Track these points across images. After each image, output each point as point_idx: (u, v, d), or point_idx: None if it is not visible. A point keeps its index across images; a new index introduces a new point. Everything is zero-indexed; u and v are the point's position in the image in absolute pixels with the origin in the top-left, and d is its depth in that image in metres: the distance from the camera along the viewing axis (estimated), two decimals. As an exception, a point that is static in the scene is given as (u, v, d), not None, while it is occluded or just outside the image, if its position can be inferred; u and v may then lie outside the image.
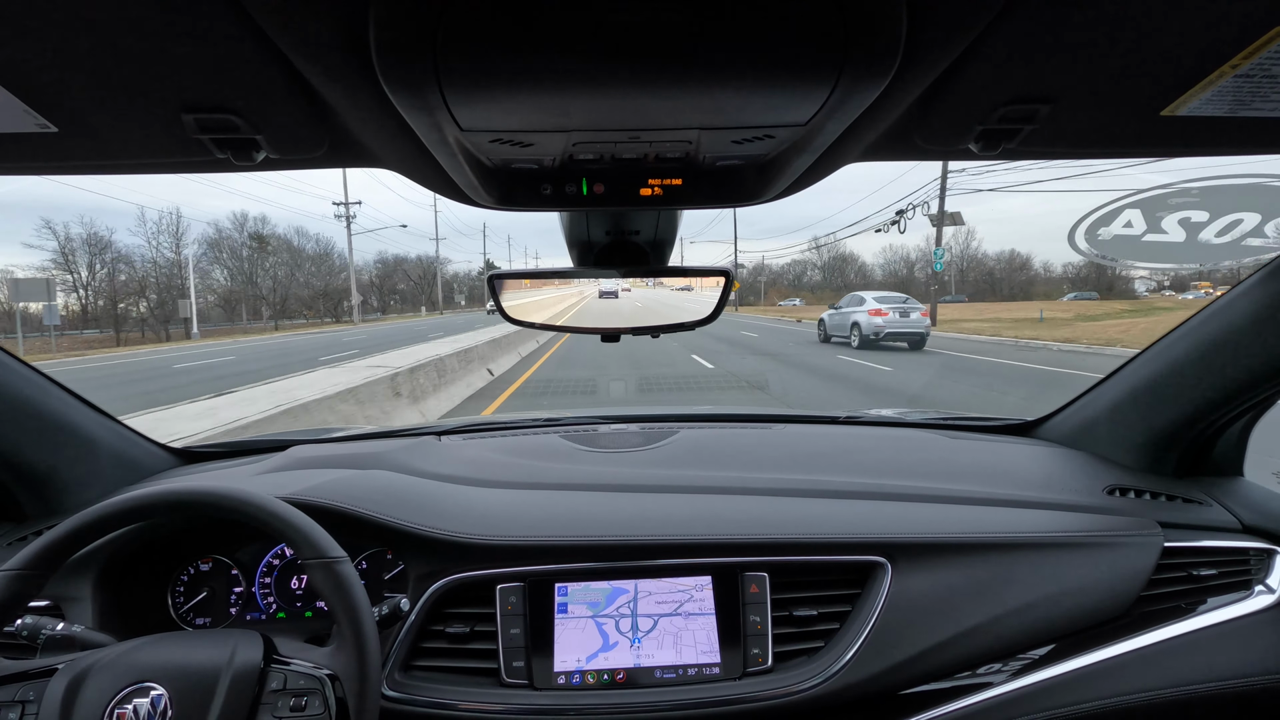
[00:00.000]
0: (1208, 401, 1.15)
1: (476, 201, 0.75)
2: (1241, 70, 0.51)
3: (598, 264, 0.99)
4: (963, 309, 36.92)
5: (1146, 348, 1.26)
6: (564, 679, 0.96)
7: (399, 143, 0.59)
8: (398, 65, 0.42)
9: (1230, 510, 1.19)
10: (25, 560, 0.78)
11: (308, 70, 0.49)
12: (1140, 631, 1.04)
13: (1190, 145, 0.69)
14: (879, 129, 0.59)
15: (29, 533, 1.12)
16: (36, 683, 0.74)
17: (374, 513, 1.03)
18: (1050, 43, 0.48)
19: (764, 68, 0.44)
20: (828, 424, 1.61)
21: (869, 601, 1.00)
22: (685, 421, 1.60)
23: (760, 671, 0.96)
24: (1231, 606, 1.08)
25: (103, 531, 0.83)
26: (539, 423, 1.64)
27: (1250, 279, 1.04)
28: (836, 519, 1.09)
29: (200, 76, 0.50)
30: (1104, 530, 1.10)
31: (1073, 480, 1.26)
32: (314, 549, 0.82)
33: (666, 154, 0.63)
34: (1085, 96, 0.56)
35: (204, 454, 1.47)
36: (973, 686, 0.99)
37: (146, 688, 0.73)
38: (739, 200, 0.73)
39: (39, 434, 1.14)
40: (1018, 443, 1.47)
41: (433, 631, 0.98)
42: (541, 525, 1.05)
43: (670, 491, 1.18)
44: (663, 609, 1.00)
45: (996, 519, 1.11)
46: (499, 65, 0.43)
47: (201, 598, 1.09)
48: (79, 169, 0.69)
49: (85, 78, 0.50)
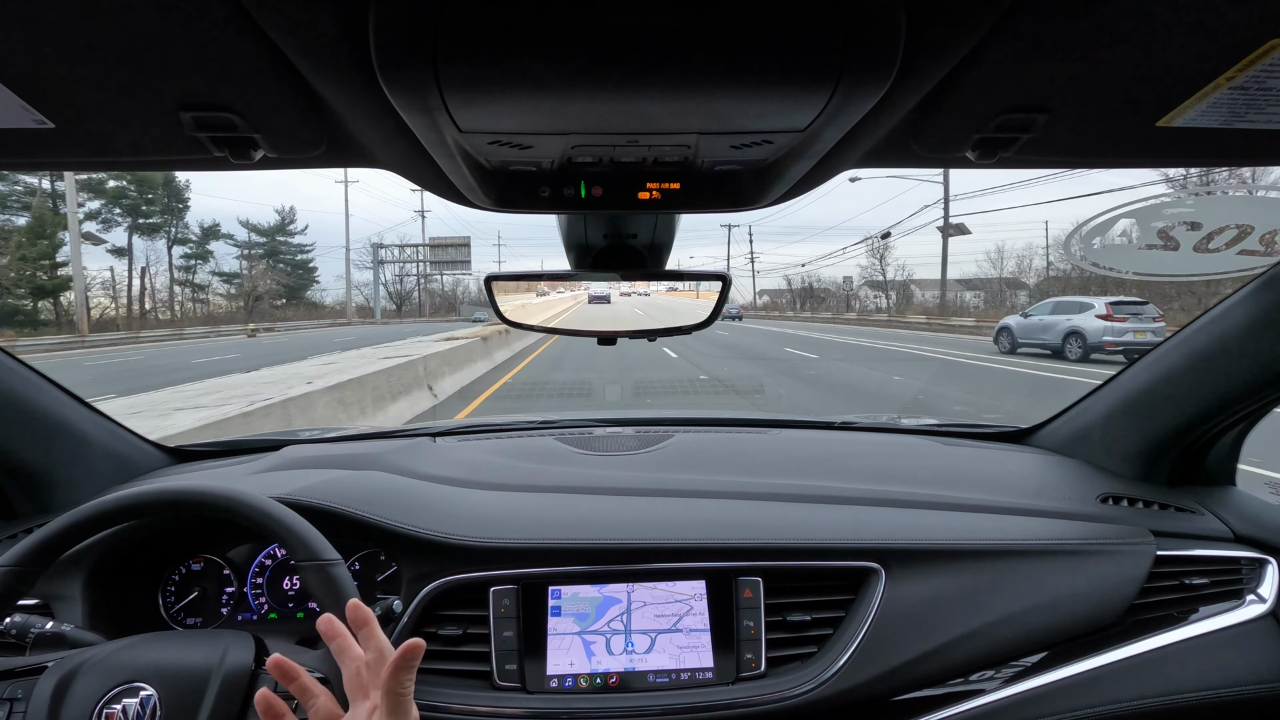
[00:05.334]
0: (1201, 411, 1.16)
1: (474, 203, 0.75)
2: (1236, 82, 0.51)
3: (595, 267, 0.99)
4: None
5: (1140, 356, 1.26)
6: (556, 682, 0.95)
7: (397, 143, 0.59)
8: (397, 66, 0.42)
9: (1222, 519, 1.20)
10: (17, 556, 0.78)
11: (307, 70, 0.49)
12: (1132, 640, 1.04)
13: (1185, 156, 0.69)
14: (877, 136, 0.60)
15: (19, 530, 1.11)
16: (25, 680, 0.73)
17: (367, 514, 1.02)
18: (1048, 53, 0.49)
19: (763, 73, 0.44)
20: (823, 429, 1.61)
21: (863, 607, 1.00)
22: (681, 425, 1.60)
23: (754, 676, 0.96)
24: (1223, 615, 1.09)
25: (96, 529, 0.82)
26: (534, 425, 1.63)
27: (1243, 290, 1.04)
28: (831, 524, 1.09)
29: (199, 74, 0.50)
30: (1097, 538, 1.11)
31: (1066, 488, 1.26)
32: (308, 551, 0.81)
33: (665, 158, 0.64)
34: (1082, 107, 0.57)
35: (197, 453, 1.46)
36: (965, 693, 0.99)
37: (136, 688, 0.73)
38: (737, 205, 0.73)
39: (31, 431, 1.13)
40: (1011, 450, 1.48)
41: (425, 634, 0.98)
42: (535, 528, 1.05)
43: (665, 495, 1.18)
44: (656, 613, 1.00)
45: (990, 526, 1.11)
46: (499, 67, 0.43)
47: (192, 598, 1.09)
48: (75, 165, 0.69)
49: (83, 74, 0.50)
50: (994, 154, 0.63)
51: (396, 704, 0.61)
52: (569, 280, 1.02)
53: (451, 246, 55.69)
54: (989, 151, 0.63)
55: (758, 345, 17.54)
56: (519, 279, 1.05)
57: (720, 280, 1.00)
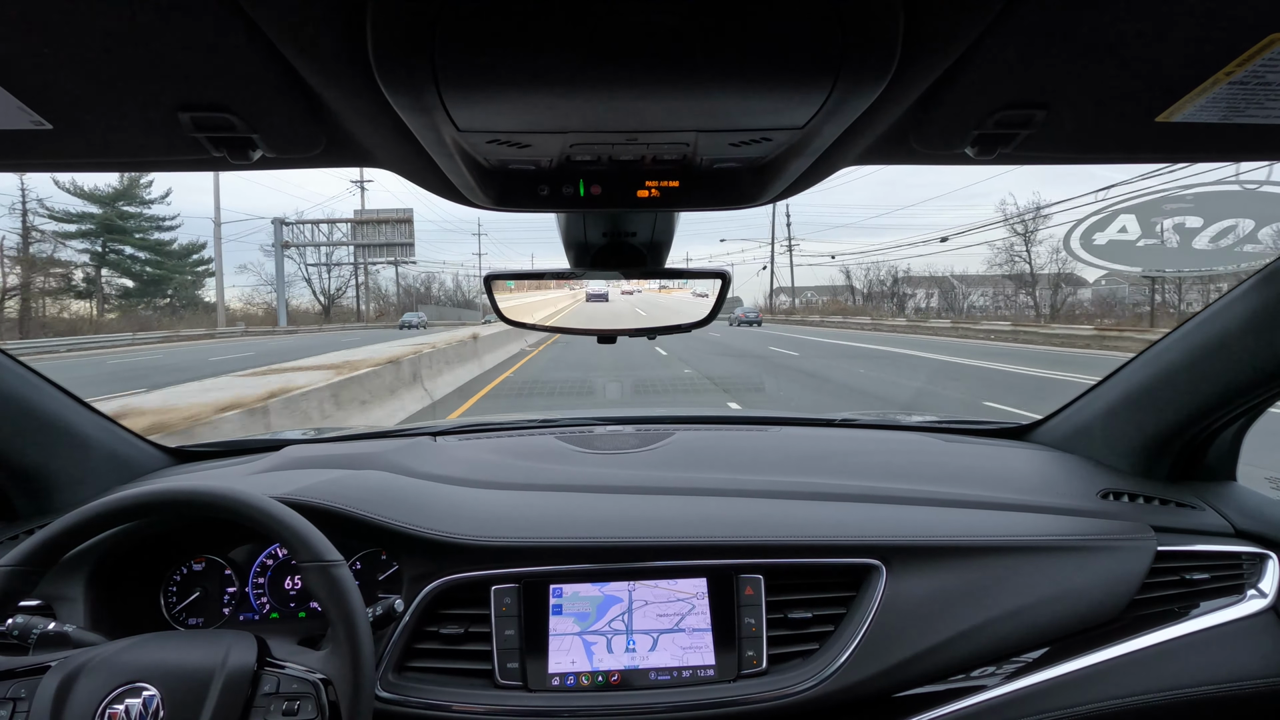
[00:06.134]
0: (1201, 406, 1.16)
1: (473, 202, 0.75)
2: (1235, 77, 0.51)
3: (595, 265, 0.99)
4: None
5: (1141, 352, 1.26)
6: (558, 680, 0.95)
7: (396, 143, 0.59)
8: (395, 65, 0.42)
9: (1223, 514, 1.20)
10: (20, 556, 0.78)
11: (305, 70, 0.49)
12: (1133, 635, 1.05)
13: (1185, 151, 0.69)
14: (875, 132, 0.60)
15: (20, 532, 1.11)
16: (28, 680, 0.74)
17: (369, 513, 1.03)
18: (1046, 49, 0.49)
19: (761, 71, 0.44)
20: (823, 426, 1.62)
21: (864, 604, 1.00)
22: (681, 423, 1.60)
23: (755, 673, 0.96)
24: (1224, 610, 1.09)
25: (99, 529, 0.82)
26: (534, 424, 1.63)
27: (1244, 284, 1.04)
28: (831, 521, 1.09)
29: (197, 75, 0.50)
30: (1098, 534, 1.11)
31: (1067, 484, 1.26)
32: (310, 551, 0.81)
33: (664, 156, 0.64)
34: (1080, 102, 0.57)
35: (197, 453, 1.46)
36: (967, 689, 0.99)
37: (139, 688, 0.73)
38: (736, 203, 0.73)
39: (33, 432, 1.13)
40: (1012, 446, 1.48)
41: (427, 633, 0.98)
42: (536, 526, 1.05)
43: (666, 493, 1.18)
44: (658, 611, 1.00)
45: (991, 522, 1.11)
46: (496, 66, 0.43)
47: (194, 598, 1.09)
48: (74, 166, 0.69)
49: (81, 75, 0.50)
50: (993, 150, 0.63)
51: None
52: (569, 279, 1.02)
53: (386, 223, 38.67)
54: (988, 148, 0.63)
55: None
56: (518, 278, 1.05)
57: (720, 278, 1.00)
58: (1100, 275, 30.10)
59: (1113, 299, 31.25)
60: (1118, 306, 29.93)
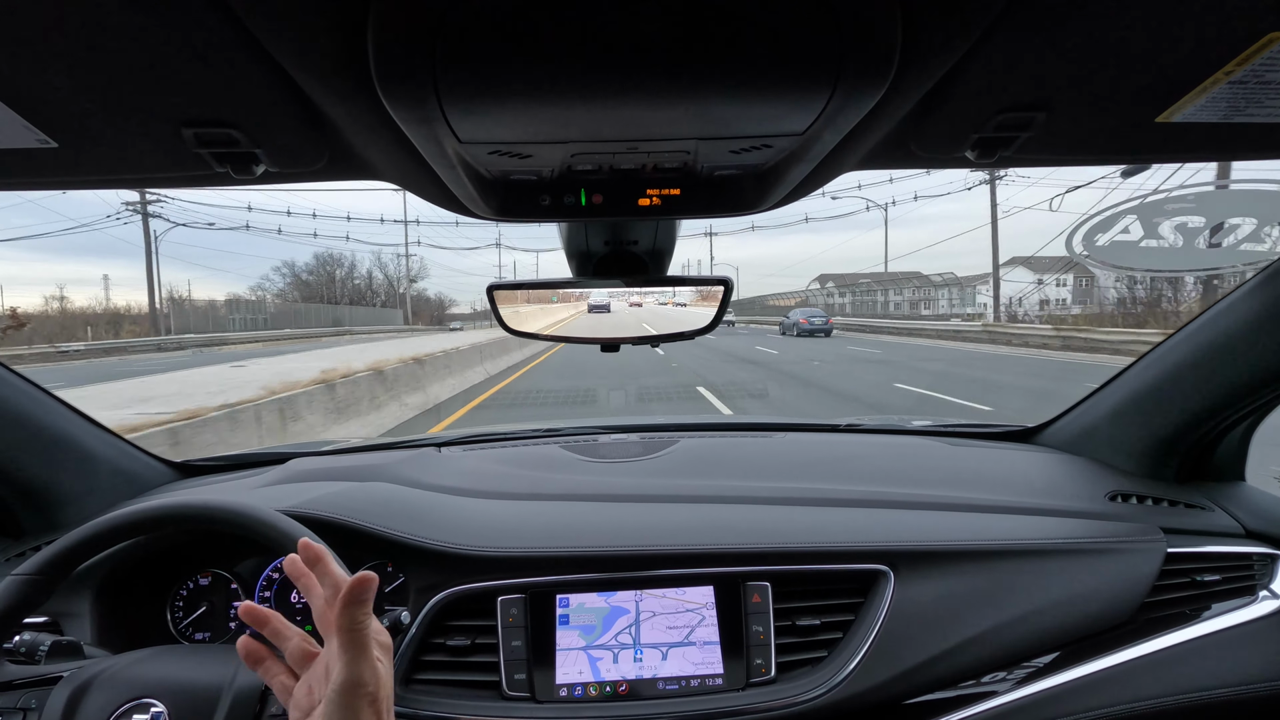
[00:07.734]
0: (1208, 406, 1.15)
1: (475, 213, 0.75)
2: (1235, 77, 0.51)
3: (597, 274, 0.99)
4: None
5: (1146, 352, 1.26)
6: (566, 691, 0.95)
7: (398, 156, 0.60)
8: (396, 79, 0.43)
9: (1233, 515, 1.19)
10: (36, 565, 0.78)
11: (307, 85, 0.49)
12: (1144, 638, 1.03)
13: (1185, 152, 0.69)
14: (876, 138, 0.60)
15: (27, 548, 1.11)
16: (39, 691, 0.74)
17: (374, 525, 1.02)
18: (1045, 51, 0.49)
19: (761, 78, 0.44)
20: (828, 432, 1.61)
21: (872, 610, 0.99)
22: (685, 431, 1.60)
23: (764, 682, 0.95)
24: (1236, 612, 1.08)
25: (114, 541, 0.83)
26: (539, 433, 1.63)
27: (1249, 283, 1.04)
28: (838, 527, 1.08)
29: (200, 91, 0.51)
30: (1106, 537, 1.10)
31: (1074, 486, 1.25)
32: None
33: (665, 164, 0.64)
34: (1080, 104, 0.57)
35: (203, 468, 1.46)
36: (977, 695, 0.98)
37: (147, 703, 0.73)
38: (737, 210, 0.73)
39: (38, 448, 1.13)
40: (1019, 449, 1.47)
41: (433, 644, 0.98)
42: (542, 536, 1.04)
43: (671, 501, 1.18)
44: (665, 620, 0.99)
45: (998, 526, 1.11)
46: (497, 78, 0.43)
47: (201, 612, 1.09)
48: (78, 184, 0.69)
49: (85, 93, 0.50)
50: (994, 153, 0.63)
51: (352, 640, 0.59)
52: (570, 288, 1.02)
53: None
54: (989, 151, 0.63)
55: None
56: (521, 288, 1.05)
57: (722, 285, 1.00)
58: None
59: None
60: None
